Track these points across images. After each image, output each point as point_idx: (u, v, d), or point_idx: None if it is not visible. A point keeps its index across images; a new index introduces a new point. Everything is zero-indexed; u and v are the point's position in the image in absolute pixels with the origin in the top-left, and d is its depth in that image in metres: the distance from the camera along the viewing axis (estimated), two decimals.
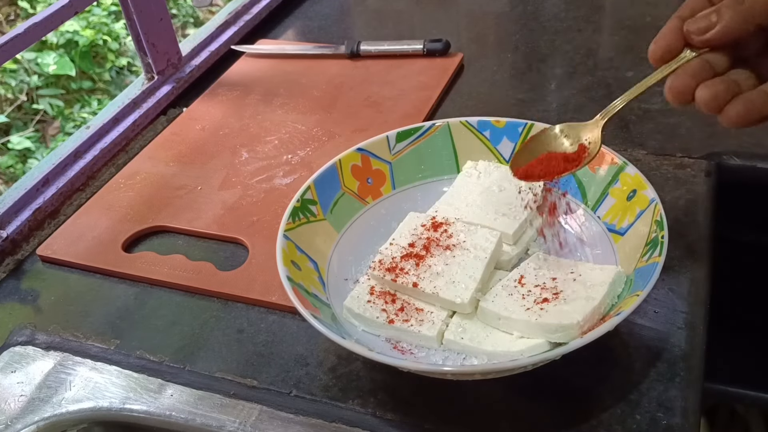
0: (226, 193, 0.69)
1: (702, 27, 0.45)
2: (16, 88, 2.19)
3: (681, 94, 0.45)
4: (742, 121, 0.43)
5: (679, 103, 0.45)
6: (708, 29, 0.44)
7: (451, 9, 0.99)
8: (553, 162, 0.51)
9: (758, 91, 0.44)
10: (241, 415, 0.50)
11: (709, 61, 0.45)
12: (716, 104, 0.44)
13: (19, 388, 0.54)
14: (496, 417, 0.48)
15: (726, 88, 0.43)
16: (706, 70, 0.45)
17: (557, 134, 0.52)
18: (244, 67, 0.90)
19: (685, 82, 0.44)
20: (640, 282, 0.47)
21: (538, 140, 0.52)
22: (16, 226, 0.67)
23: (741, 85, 0.44)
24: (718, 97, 0.43)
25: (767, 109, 0.43)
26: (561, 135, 0.52)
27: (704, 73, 0.45)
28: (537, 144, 0.52)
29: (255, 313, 0.57)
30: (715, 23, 0.44)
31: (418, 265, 0.52)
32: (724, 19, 0.44)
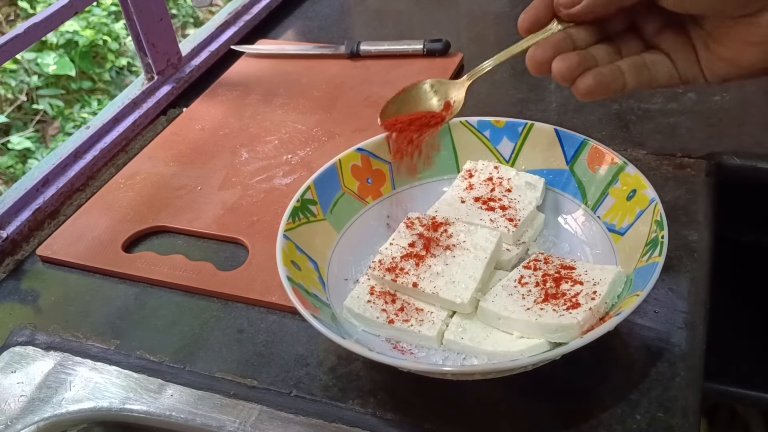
0: (226, 193, 0.69)
1: (569, 0, 0.46)
2: (16, 89, 2.19)
3: (539, 64, 0.46)
4: (591, 93, 0.45)
5: (538, 73, 0.47)
6: (574, 3, 0.46)
7: (451, 9, 0.99)
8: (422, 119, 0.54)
9: (611, 66, 0.46)
10: (241, 415, 0.50)
11: (571, 36, 0.47)
12: (569, 75, 0.45)
13: (19, 389, 0.54)
14: (496, 417, 0.48)
15: (579, 61, 0.45)
16: (566, 44, 0.46)
17: (427, 90, 0.54)
18: (244, 67, 0.90)
19: (545, 53, 0.46)
20: (640, 282, 0.47)
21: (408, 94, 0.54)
22: (16, 226, 0.67)
23: (599, 60, 0.46)
24: (571, 68, 0.45)
25: (616, 84, 0.45)
26: (430, 90, 0.54)
27: (564, 46, 0.46)
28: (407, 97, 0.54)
29: (255, 313, 0.57)
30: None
31: (418, 265, 0.52)
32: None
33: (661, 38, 0.47)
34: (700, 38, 0.46)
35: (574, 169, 0.58)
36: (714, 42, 0.45)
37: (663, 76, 0.47)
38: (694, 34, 0.46)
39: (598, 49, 0.47)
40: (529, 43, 0.48)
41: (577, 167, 0.58)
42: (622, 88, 0.46)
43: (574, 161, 0.58)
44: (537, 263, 0.52)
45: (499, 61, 0.51)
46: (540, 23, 0.48)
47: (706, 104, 0.73)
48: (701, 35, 0.46)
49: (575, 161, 0.58)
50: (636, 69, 0.46)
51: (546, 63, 0.46)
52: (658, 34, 0.47)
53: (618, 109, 0.73)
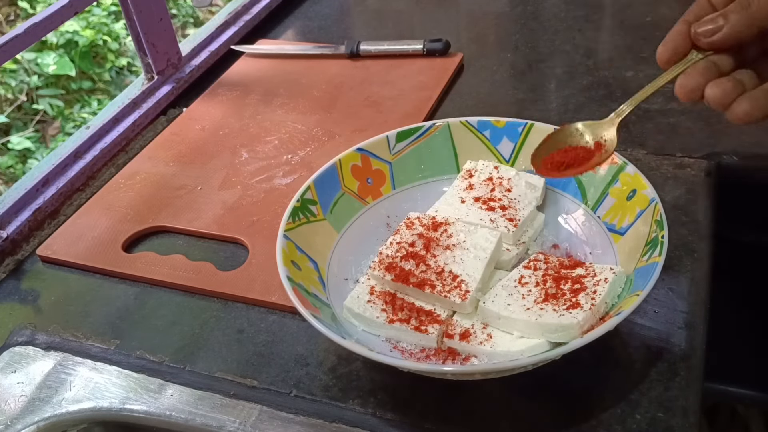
0: (226, 193, 0.69)
1: (709, 29, 0.47)
2: (16, 89, 2.19)
3: (691, 92, 0.47)
4: (749, 117, 0.46)
5: (689, 100, 0.47)
6: (715, 32, 0.46)
7: (451, 9, 0.99)
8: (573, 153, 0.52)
9: (762, 89, 0.46)
10: (241, 415, 0.50)
11: (715, 62, 0.47)
12: (725, 101, 0.46)
13: (19, 389, 0.54)
14: (496, 417, 0.48)
15: (733, 86, 0.46)
16: (713, 70, 0.47)
17: (577, 130, 0.53)
18: (244, 67, 0.90)
19: (695, 80, 0.47)
20: (640, 282, 0.47)
21: (557, 137, 0.53)
22: (16, 226, 0.67)
23: (745, 84, 0.46)
24: (727, 94, 0.46)
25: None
26: (581, 131, 0.53)
27: (712, 72, 0.47)
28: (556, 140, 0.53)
29: (255, 313, 0.57)
30: (722, 26, 0.46)
31: (418, 265, 0.52)
32: (731, 22, 0.46)
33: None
34: None
35: None
36: None
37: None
38: None
39: (743, 74, 0.47)
40: (672, 74, 0.48)
41: None
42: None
43: None
44: (537, 263, 0.52)
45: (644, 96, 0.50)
46: (679, 54, 0.48)
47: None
48: None
49: None
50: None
51: (698, 90, 0.46)
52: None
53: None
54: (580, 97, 0.77)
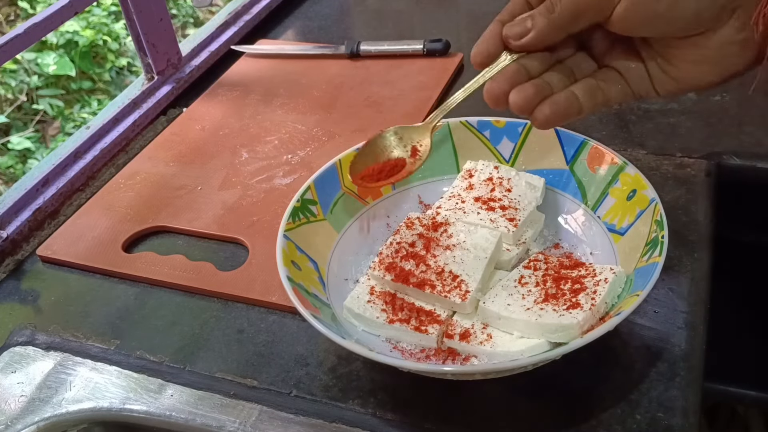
0: (226, 193, 0.69)
1: (517, 32, 0.46)
2: (16, 89, 2.19)
3: (496, 98, 0.46)
4: (549, 122, 0.45)
5: (497, 107, 0.46)
6: (523, 34, 0.46)
7: (451, 9, 0.99)
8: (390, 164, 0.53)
9: (565, 92, 0.46)
10: (241, 416, 0.50)
11: (524, 65, 0.47)
12: (527, 107, 0.45)
13: (19, 389, 0.54)
14: (496, 417, 0.48)
15: (536, 92, 0.45)
16: (521, 74, 0.46)
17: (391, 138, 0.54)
18: (244, 67, 0.90)
19: (500, 86, 0.46)
20: (640, 282, 0.47)
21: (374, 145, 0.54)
22: (16, 226, 0.67)
23: (554, 86, 0.46)
24: (528, 101, 0.45)
25: (571, 110, 0.46)
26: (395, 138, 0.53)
27: (519, 76, 0.46)
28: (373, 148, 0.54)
29: (255, 313, 0.57)
30: (530, 29, 0.45)
31: (418, 265, 0.52)
32: (538, 26, 0.45)
33: (611, 57, 0.47)
34: (650, 57, 0.46)
35: (574, 169, 0.58)
36: (664, 61, 0.45)
37: (617, 95, 0.47)
38: (644, 53, 0.46)
39: (552, 75, 0.47)
40: (485, 77, 0.48)
41: (577, 167, 0.58)
42: (578, 112, 0.46)
43: (574, 161, 0.58)
44: (537, 263, 0.52)
45: (456, 102, 0.50)
46: (492, 56, 0.48)
47: (706, 104, 0.73)
48: (651, 54, 0.46)
49: (575, 161, 0.58)
50: (590, 92, 0.46)
51: (503, 95, 0.46)
52: (609, 53, 0.47)
53: (618, 109, 0.74)
54: None
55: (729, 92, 0.74)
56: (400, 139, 0.53)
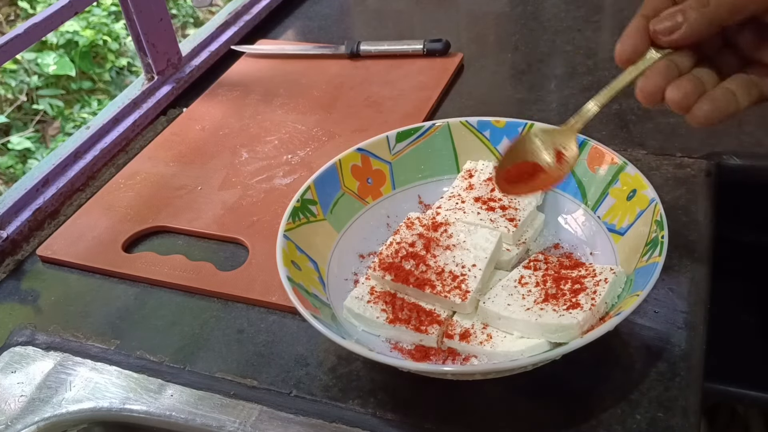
0: (226, 193, 0.69)
1: (668, 27, 0.44)
2: (16, 89, 2.19)
3: (651, 95, 0.45)
4: (709, 120, 0.44)
5: (651, 104, 0.45)
6: (674, 29, 0.44)
7: (451, 9, 0.99)
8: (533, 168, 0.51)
9: (721, 89, 0.44)
10: (241, 416, 0.50)
11: (674, 61, 0.45)
12: (686, 103, 0.44)
13: (19, 389, 0.54)
14: (496, 417, 0.48)
15: (694, 87, 0.44)
16: (673, 70, 0.45)
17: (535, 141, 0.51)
18: (244, 67, 0.90)
19: (655, 82, 0.45)
20: (640, 282, 0.47)
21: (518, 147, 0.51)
22: (16, 226, 0.67)
23: (705, 83, 0.44)
24: (688, 96, 0.44)
25: (731, 107, 0.44)
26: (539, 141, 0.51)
27: (671, 73, 0.45)
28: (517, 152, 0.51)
29: (255, 313, 0.57)
30: (682, 23, 0.44)
31: (418, 265, 0.52)
32: (690, 20, 0.44)
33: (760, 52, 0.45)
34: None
35: (574, 169, 0.58)
36: None
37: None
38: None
39: (702, 71, 0.45)
40: (632, 75, 0.46)
41: (577, 167, 0.58)
42: (736, 109, 0.44)
43: None
44: (537, 263, 0.52)
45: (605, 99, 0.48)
46: (639, 53, 0.46)
47: None
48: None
49: None
50: (746, 87, 0.44)
51: (658, 93, 0.44)
52: (757, 49, 0.45)
53: (618, 109, 0.74)
54: (580, 97, 0.77)
55: None
56: (543, 142, 0.51)
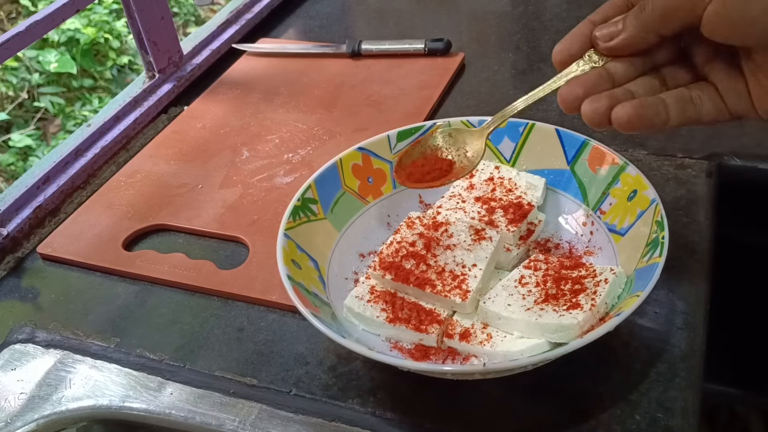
0: (227, 191, 0.69)
1: (607, 33, 0.44)
2: (17, 86, 2.19)
3: (568, 103, 0.44)
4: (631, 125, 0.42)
5: (569, 112, 0.44)
6: (613, 36, 0.44)
7: (452, 8, 0.99)
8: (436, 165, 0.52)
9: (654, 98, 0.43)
10: (240, 414, 0.50)
11: (609, 71, 0.44)
12: (598, 120, 0.43)
13: (18, 386, 0.54)
14: (496, 417, 0.48)
15: (609, 105, 0.43)
16: (602, 80, 0.44)
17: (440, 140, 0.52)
18: (245, 65, 0.90)
19: (574, 91, 0.44)
20: (640, 282, 0.47)
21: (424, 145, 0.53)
22: (16, 223, 0.67)
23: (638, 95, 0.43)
24: (599, 113, 0.43)
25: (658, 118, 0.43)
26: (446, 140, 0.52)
27: (600, 83, 0.44)
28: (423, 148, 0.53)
29: (255, 312, 0.57)
30: (621, 31, 0.43)
31: (418, 265, 0.52)
32: (628, 29, 0.43)
33: (710, 68, 0.44)
34: (751, 72, 0.42)
35: (575, 169, 0.58)
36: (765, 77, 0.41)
37: (710, 112, 0.44)
38: (745, 67, 0.42)
39: (639, 83, 0.44)
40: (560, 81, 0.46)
41: (578, 167, 0.58)
42: (664, 122, 0.43)
43: (575, 161, 0.58)
44: (537, 263, 0.52)
45: (528, 103, 0.48)
46: (574, 56, 0.45)
47: None
48: (753, 69, 0.42)
49: (576, 161, 0.58)
50: (681, 103, 0.43)
51: (576, 102, 0.43)
52: (708, 64, 0.44)
53: None
54: None
55: None
56: (453, 141, 0.52)
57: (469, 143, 0.52)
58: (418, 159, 0.52)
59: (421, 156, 0.53)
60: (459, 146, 0.52)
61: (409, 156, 0.53)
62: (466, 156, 0.52)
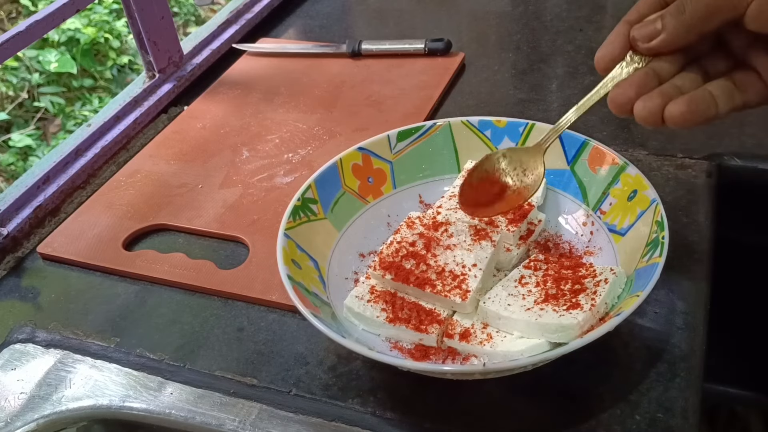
0: (227, 191, 0.69)
1: (646, 34, 0.44)
2: (17, 86, 2.19)
3: (621, 106, 0.44)
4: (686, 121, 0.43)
5: (622, 114, 0.45)
6: (652, 37, 0.44)
7: (452, 8, 0.99)
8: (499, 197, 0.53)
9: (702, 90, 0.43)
10: (240, 414, 0.50)
11: (654, 68, 0.44)
12: (652, 119, 0.43)
13: (19, 386, 0.54)
14: (496, 417, 0.48)
15: (662, 103, 0.43)
16: (650, 80, 0.44)
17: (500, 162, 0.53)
18: (246, 65, 0.90)
19: (626, 93, 0.44)
20: (640, 282, 0.47)
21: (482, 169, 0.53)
22: (16, 223, 0.67)
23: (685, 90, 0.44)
24: (653, 113, 0.43)
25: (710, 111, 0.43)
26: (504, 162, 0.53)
27: (649, 83, 0.44)
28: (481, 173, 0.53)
29: (255, 312, 0.57)
30: (660, 31, 0.43)
31: (418, 265, 0.52)
32: (668, 28, 0.43)
33: (750, 54, 0.44)
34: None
35: (575, 169, 0.58)
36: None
37: (756, 97, 0.44)
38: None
39: (684, 77, 0.44)
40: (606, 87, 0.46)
41: (578, 167, 0.58)
42: (715, 115, 0.43)
43: (575, 161, 0.58)
44: (537, 263, 0.52)
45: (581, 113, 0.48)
46: (616, 60, 0.45)
47: None
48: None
49: (576, 161, 0.58)
50: (728, 92, 0.43)
51: (629, 104, 0.44)
52: (747, 51, 0.44)
53: None
54: (581, 97, 0.76)
55: None
56: (509, 161, 0.52)
57: (525, 162, 0.52)
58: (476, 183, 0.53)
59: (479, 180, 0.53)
60: (516, 166, 0.52)
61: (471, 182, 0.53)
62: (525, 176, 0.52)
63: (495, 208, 0.53)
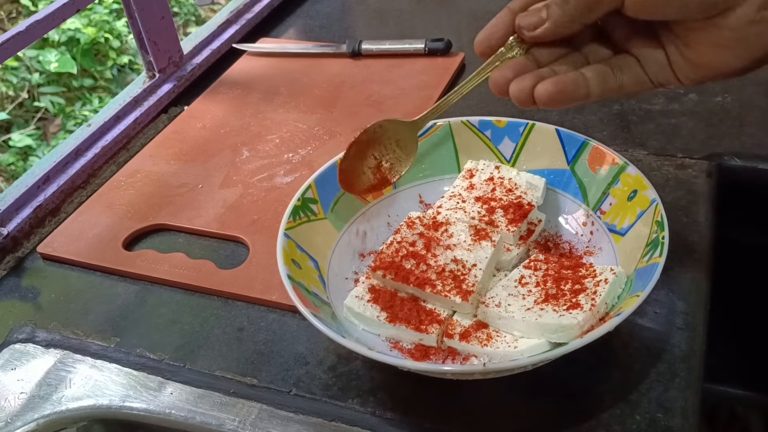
0: (227, 191, 0.69)
1: (531, 23, 0.45)
2: (17, 86, 2.19)
3: (500, 87, 0.46)
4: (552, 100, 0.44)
5: (500, 95, 0.46)
6: (537, 26, 0.45)
7: (452, 8, 0.99)
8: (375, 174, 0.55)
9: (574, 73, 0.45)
10: (240, 414, 0.50)
11: (533, 54, 0.46)
12: (524, 98, 0.45)
13: (19, 386, 0.54)
14: (496, 417, 0.48)
15: (533, 83, 0.44)
16: (529, 63, 0.46)
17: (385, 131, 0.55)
18: (246, 65, 0.90)
19: (504, 74, 0.45)
20: (640, 282, 0.47)
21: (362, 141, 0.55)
22: (16, 223, 0.67)
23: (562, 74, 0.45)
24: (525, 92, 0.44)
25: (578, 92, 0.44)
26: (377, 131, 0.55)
27: (527, 65, 0.45)
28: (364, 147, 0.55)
29: (255, 312, 0.57)
30: (545, 20, 0.44)
31: (418, 265, 0.52)
32: (552, 18, 0.44)
33: (630, 43, 0.45)
34: (670, 42, 0.44)
35: (575, 169, 0.58)
36: (684, 46, 0.43)
37: (631, 82, 0.45)
38: (664, 38, 0.44)
39: (563, 62, 0.46)
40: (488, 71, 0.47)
41: (578, 167, 0.58)
42: (585, 96, 0.44)
43: (575, 161, 0.58)
44: (537, 263, 0.52)
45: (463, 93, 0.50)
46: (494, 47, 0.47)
47: (707, 105, 0.73)
48: (671, 39, 0.44)
49: (576, 161, 0.58)
50: (601, 76, 0.44)
51: (506, 85, 0.45)
52: (627, 39, 0.45)
53: (619, 110, 0.74)
54: None
55: (730, 93, 0.74)
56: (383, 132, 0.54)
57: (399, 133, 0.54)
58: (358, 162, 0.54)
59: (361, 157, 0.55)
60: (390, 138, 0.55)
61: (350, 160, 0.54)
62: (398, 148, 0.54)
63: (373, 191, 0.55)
